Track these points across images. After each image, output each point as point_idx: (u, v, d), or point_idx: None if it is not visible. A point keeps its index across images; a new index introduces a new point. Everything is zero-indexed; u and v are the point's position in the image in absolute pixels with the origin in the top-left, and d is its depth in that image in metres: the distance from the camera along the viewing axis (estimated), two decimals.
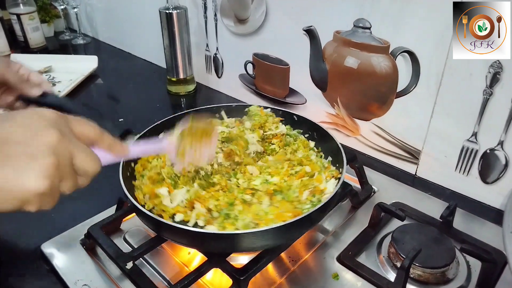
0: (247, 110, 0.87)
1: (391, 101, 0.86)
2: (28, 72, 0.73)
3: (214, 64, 1.27)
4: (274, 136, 0.82)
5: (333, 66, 0.94)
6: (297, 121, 0.85)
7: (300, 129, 0.84)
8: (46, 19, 1.75)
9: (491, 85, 0.71)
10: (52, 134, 0.40)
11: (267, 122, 0.83)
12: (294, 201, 0.66)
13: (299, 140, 0.82)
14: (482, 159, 0.77)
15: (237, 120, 0.88)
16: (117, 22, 1.62)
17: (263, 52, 1.09)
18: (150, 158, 0.75)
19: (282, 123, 0.85)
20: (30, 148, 0.39)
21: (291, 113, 0.85)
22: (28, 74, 0.73)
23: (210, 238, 0.57)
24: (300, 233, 0.67)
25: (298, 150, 0.79)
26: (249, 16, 1.07)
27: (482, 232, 0.71)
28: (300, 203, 0.65)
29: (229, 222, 0.62)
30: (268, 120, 0.83)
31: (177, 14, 1.13)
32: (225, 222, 0.62)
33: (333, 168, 0.74)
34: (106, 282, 0.63)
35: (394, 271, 0.64)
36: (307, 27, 0.94)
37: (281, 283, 0.64)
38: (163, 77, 1.29)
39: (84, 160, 0.43)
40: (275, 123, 0.84)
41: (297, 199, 0.66)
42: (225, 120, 0.88)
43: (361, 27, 0.85)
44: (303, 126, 0.84)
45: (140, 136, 0.78)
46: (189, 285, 0.59)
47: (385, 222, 0.75)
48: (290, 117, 0.85)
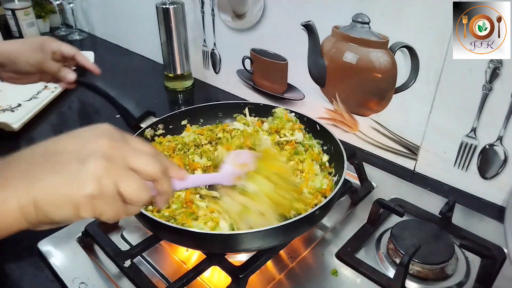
0: (273, 111, 0.85)
1: (390, 97, 0.86)
2: (59, 46, 0.82)
3: (212, 59, 1.26)
4: (287, 142, 0.79)
5: (332, 62, 0.93)
6: (319, 131, 0.80)
7: (321, 139, 0.80)
8: (41, 14, 1.73)
9: (491, 80, 0.70)
10: (104, 140, 0.41)
11: (284, 127, 0.80)
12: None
13: (310, 151, 0.77)
14: (481, 154, 0.77)
15: (260, 119, 0.86)
16: (114, 17, 1.61)
17: (261, 48, 1.08)
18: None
19: (305, 131, 0.82)
20: (80, 154, 0.40)
21: (314, 121, 0.81)
22: (61, 48, 0.82)
23: (209, 239, 0.57)
24: (300, 233, 0.66)
25: (304, 162, 0.76)
26: (246, 11, 1.06)
27: (481, 228, 0.71)
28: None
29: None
30: (285, 126, 0.80)
31: (174, 9, 1.12)
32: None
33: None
34: (103, 280, 0.63)
35: (393, 267, 0.64)
36: (305, 22, 0.93)
37: (280, 280, 0.63)
38: (160, 73, 1.29)
39: (140, 162, 0.42)
40: (293, 129, 0.80)
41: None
42: (247, 118, 0.87)
43: (359, 22, 0.84)
44: (323, 138, 0.80)
45: (160, 119, 0.82)
46: (188, 283, 0.59)
47: (384, 218, 0.75)
48: (313, 125, 0.81)
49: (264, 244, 0.58)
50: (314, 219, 0.62)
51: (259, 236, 0.55)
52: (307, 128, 0.82)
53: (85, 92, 1.29)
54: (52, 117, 1.12)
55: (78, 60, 0.84)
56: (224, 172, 0.63)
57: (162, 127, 0.83)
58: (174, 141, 0.80)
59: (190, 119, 0.87)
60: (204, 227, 0.60)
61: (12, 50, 0.79)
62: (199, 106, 0.88)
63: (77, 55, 0.84)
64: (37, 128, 1.07)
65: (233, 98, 1.22)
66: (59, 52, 0.82)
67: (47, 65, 0.81)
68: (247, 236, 0.56)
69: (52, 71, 0.82)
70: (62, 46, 0.82)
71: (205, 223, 0.61)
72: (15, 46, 0.80)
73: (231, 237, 0.57)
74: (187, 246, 0.64)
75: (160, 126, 0.83)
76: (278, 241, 0.60)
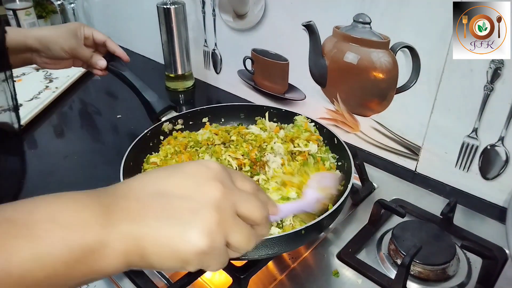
0: (294, 118, 0.85)
1: (391, 97, 0.86)
2: (92, 31, 0.87)
3: (213, 60, 1.26)
4: (300, 153, 0.77)
5: (333, 62, 0.93)
6: (336, 144, 0.79)
7: (337, 154, 0.79)
8: (42, 14, 1.73)
9: (492, 80, 0.70)
10: (216, 187, 0.39)
11: (300, 137, 0.78)
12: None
13: (318, 165, 0.75)
14: (482, 155, 0.77)
15: (279, 126, 0.85)
16: (115, 17, 1.61)
17: (262, 48, 1.08)
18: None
19: (324, 143, 0.81)
20: (193, 203, 0.38)
21: (333, 134, 0.79)
22: (93, 34, 0.86)
23: None
24: (308, 240, 0.66)
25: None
26: (247, 11, 1.06)
27: (482, 229, 0.71)
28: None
29: None
30: (301, 136, 0.79)
31: (175, 9, 1.12)
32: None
33: None
34: (104, 280, 0.63)
35: (395, 268, 0.64)
36: (306, 22, 0.93)
37: (281, 281, 0.63)
38: (161, 73, 1.29)
39: (248, 208, 0.40)
40: (308, 139, 0.78)
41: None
42: (266, 123, 0.86)
43: (361, 22, 0.84)
44: (339, 152, 0.78)
45: (181, 114, 0.84)
46: (189, 284, 0.59)
47: (385, 219, 0.74)
48: (331, 139, 0.80)
49: (272, 252, 0.57)
50: (323, 226, 0.63)
51: (266, 243, 0.55)
52: (326, 140, 0.81)
53: (86, 92, 1.30)
54: (53, 117, 1.13)
55: (109, 46, 0.88)
56: (309, 198, 0.60)
57: (181, 122, 0.85)
58: (188, 138, 0.80)
59: (212, 117, 0.88)
60: None
61: (47, 36, 0.82)
62: (221, 106, 0.91)
63: (108, 41, 0.87)
64: (39, 128, 1.07)
65: (234, 98, 1.22)
66: (91, 38, 0.85)
67: (80, 51, 0.83)
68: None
69: (85, 57, 0.85)
70: (94, 32, 0.86)
71: None
72: (50, 32, 0.83)
73: None
74: None
75: (179, 121, 0.85)
76: (285, 249, 0.59)
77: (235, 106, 0.91)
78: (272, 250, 0.57)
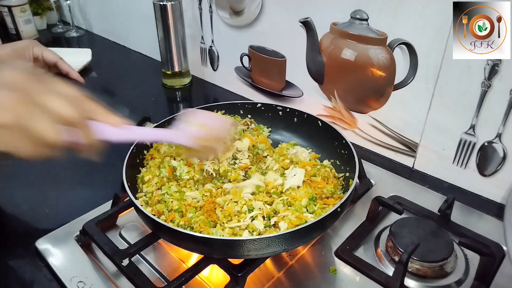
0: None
1: (389, 94, 0.86)
2: (41, 51, 0.81)
3: (210, 56, 1.25)
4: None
5: (330, 59, 0.93)
6: (343, 144, 0.77)
7: (343, 154, 0.76)
8: (38, 11, 1.72)
9: (490, 77, 0.70)
10: (16, 74, 0.41)
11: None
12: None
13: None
14: (480, 151, 0.77)
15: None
16: (111, 14, 1.60)
17: (259, 45, 1.08)
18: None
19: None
20: None
21: (340, 134, 0.77)
22: (42, 54, 0.81)
23: (213, 244, 0.56)
24: (310, 239, 0.65)
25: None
26: (244, 8, 1.06)
27: (480, 225, 0.71)
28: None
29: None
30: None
31: (171, 6, 1.12)
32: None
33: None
34: (102, 279, 0.63)
35: (392, 265, 0.64)
36: (304, 19, 0.93)
37: (279, 278, 0.63)
38: (158, 70, 1.28)
39: (55, 103, 0.41)
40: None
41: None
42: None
43: (358, 18, 0.84)
44: (345, 152, 0.76)
45: (158, 125, 0.78)
46: (186, 282, 0.58)
47: (383, 216, 0.74)
48: (338, 138, 0.78)
49: (272, 251, 0.57)
50: (326, 225, 0.62)
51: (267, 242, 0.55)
52: (331, 140, 0.79)
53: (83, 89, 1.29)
54: None
55: (61, 67, 0.81)
56: (178, 129, 0.57)
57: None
58: (169, 147, 0.77)
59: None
60: (223, 233, 0.60)
61: None
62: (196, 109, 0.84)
63: (59, 62, 0.81)
64: None
65: (231, 95, 1.22)
66: (40, 58, 0.79)
67: None
68: (254, 242, 0.54)
69: None
70: (44, 52, 0.80)
71: (223, 229, 0.60)
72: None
73: (237, 242, 0.55)
74: (189, 250, 0.63)
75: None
76: (285, 247, 0.58)
77: (208, 108, 0.86)
78: (272, 250, 0.56)
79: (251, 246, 0.54)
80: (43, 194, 0.81)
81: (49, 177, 0.87)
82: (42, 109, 0.41)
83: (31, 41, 0.80)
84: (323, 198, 0.68)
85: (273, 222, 0.62)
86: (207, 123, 0.61)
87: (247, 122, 0.86)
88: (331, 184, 0.71)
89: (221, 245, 0.56)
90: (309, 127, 0.84)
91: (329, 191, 0.69)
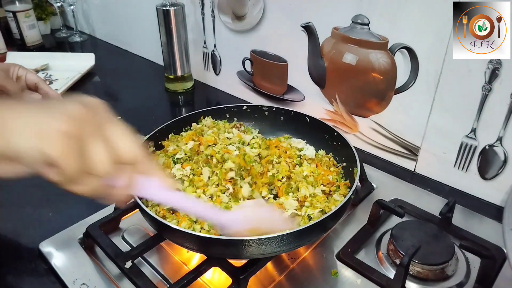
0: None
1: (390, 98, 0.86)
2: (25, 73, 0.78)
3: (212, 61, 1.26)
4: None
5: (332, 63, 0.93)
6: (345, 147, 0.77)
7: (344, 156, 0.77)
8: (42, 16, 1.73)
9: (490, 81, 0.70)
10: (78, 105, 0.41)
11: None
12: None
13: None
14: (481, 155, 0.77)
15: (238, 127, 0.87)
16: (114, 19, 1.61)
17: (261, 49, 1.09)
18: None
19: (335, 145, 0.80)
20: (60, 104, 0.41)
21: (343, 138, 0.78)
22: (26, 75, 0.77)
23: (217, 244, 0.56)
24: (309, 240, 0.65)
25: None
26: (246, 13, 1.07)
27: (481, 229, 0.71)
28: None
29: None
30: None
31: (174, 11, 1.13)
32: None
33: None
34: (105, 281, 0.63)
35: (394, 268, 0.64)
36: (305, 23, 0.94)
37: (281, 281, 0.63)
38: (161, 75, 1.29)
39: (118, 135, 0.43)
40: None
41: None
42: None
43: (359, 23, 0.85)
44: (347, 155, 0.76)
45: (149, 136, 0.77)
46: (188, 284, 0.59)
47: (384, 219, 0.75)
48: (341, 141, 0.79)
49: (274, 251, 0.57)
50: (326, 226, 0.63)
51: (269, 242, 0.55)
52: (335, 143, 0.80)
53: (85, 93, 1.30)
54: None
55: (41, 89, 0.80)
56: (234, 215, 0.55)
57: (152, 144, 0.78)
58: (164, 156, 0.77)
59: (177, 131, 0.83)
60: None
61: None
62: (182, 117, 0.85)
63: (40, 83, 0.79)
64: None
65: (234, 99, 1.22)
66: (23, 79, 0.78)
67: (6, 82, 0.76)
68: (256, 243, 0.54)
69: (12, 90, 0.76)
70: (28, 74, 0.79)
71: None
72: None
73: (240, 243, 0.55)
74: (192, 250, 0.62)
75: (150, 144, 0.78)
76: (286, 248, 0.58)
77: (197, 114, 0.86)
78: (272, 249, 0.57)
79: (253, 246, 0.55)
80: (46, 197, 0.81)
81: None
82: (106, 141, 0.41)
83: (15, 64, 0.79)
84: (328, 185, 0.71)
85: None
86: (261, 216, 0.58)
87: (237, 126, 0.86)
88: (333, 172, 0.74)
89: (224, 245, 0.56)
90: (297, 123, 0.86)
91: (334, 178, 0.72)
